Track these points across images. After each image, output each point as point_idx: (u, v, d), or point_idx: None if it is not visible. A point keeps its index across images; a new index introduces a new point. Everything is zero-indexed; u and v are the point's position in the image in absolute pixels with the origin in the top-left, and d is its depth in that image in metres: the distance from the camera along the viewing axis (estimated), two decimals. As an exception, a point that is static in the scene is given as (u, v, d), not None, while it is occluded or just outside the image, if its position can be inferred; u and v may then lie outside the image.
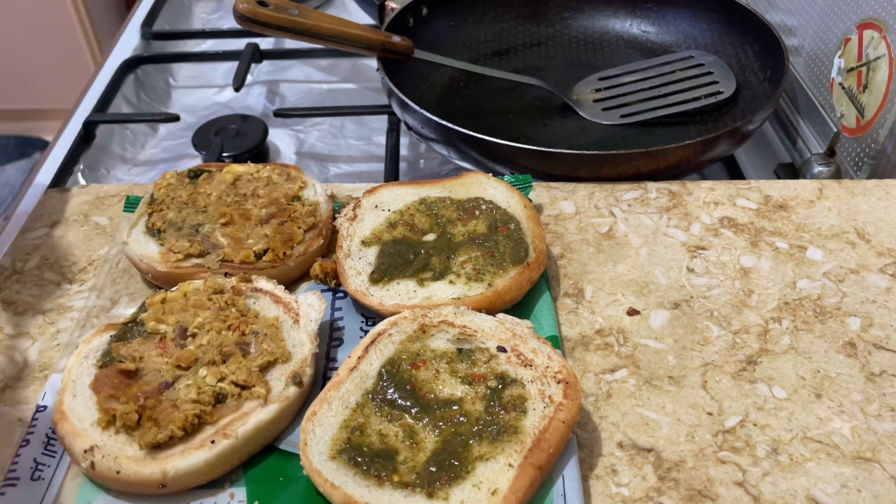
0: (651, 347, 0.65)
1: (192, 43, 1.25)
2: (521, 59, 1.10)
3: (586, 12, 1.14)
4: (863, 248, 0.73)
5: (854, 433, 0.58)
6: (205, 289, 0.63)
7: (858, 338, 0.65)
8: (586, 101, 0.99)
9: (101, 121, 1.02)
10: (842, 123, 0.90)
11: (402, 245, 0.67)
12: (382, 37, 0.93)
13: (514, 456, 0.52)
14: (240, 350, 0.59)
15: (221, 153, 0.98)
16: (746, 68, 1.00)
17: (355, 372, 0.57)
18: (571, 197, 0.80)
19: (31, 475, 0.54)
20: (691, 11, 1.08)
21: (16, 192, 1.91)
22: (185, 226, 0.70)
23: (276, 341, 0.60)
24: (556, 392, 0.55)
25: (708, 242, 0.74)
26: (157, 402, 0.55)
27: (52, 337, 0.67)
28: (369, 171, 1.01)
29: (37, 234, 0.77)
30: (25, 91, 2.67)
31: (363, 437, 0.54)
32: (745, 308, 0.68)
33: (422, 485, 0.51)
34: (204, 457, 0.53)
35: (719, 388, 0.61)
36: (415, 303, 0.63)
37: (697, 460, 0.57)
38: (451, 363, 0.58)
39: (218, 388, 0.56)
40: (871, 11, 0.85)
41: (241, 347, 0.59)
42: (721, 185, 0.81)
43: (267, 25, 0.87)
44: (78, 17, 2.49)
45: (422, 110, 0.84)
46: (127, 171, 1.02)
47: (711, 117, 0.97)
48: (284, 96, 1.15)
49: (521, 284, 0.65)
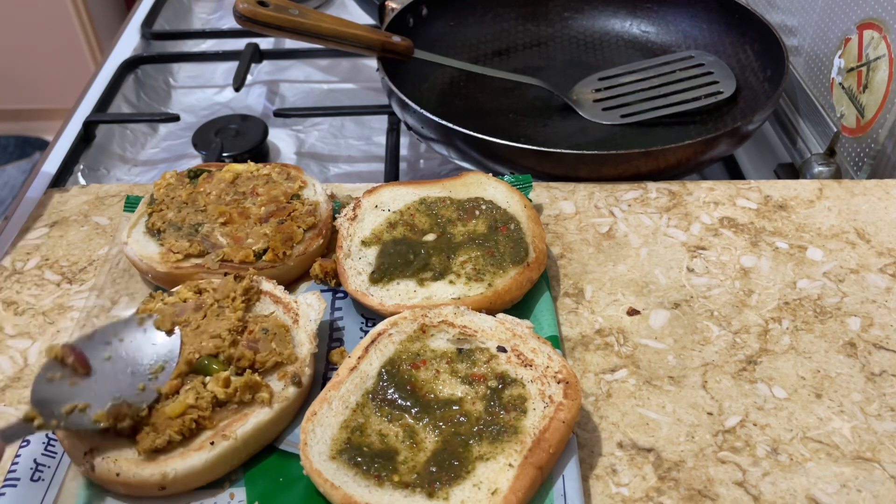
0: (651, 347, 0.65)
1: (192, 43, 1.25)
2: (521, 59, 1.10)
3: (586, 12, 1.14)
4: (863, 248, 0.73)
5: (854, 433, 0.58)
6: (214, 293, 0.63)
7: (858, 338, 0.65)
8: (586, 101, 0.99)
9: (101, 121, 1.02)
10: (842, 123, 0.90)
11: (402, 245, 0.67)
12: (382, 37, 0.93)
13: (514, 456, 0.52)
14: (249, 349, 0.58)
15: (221, 153, 0.98)
16: (746, 68, 1.00)
17: (355, 372, 0.57)
18: (571, 197, 0.80)
19: (32, 476, 0.54)
20: (691, 11, 1.08)
21: (16, 192, 1.91)
22: (185, 226, 0.70)
23: (285, 343, 0.60)
24: (557, 392, 0.55)
25: (708, 242, 0.74)
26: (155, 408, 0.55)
27: (52, 337, 0.67)
28: (369, 171, 1.01)
29: (37, 234, 0.77)
30: (25, 91, 2.67)
31: (363, 438, 0.54)
32: (745, 308, 0.68)
33: (422, 485, 0.51)
34: (203, 458, 0.53)
35: (719, 388, 0.61)
36: (415, 303, 0.63)
37: (697, 460, 0.57)
38: (451, 363, 0.58)
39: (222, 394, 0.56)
40: (871, 11, 0.85)
41: (250, 345, 0.59)
42: (721, 185, 0.81)
43: (267, 25, 0.87)
44: (78, 17, 2.49)
45: (422, 110, 0.84)
46: (127, 171, 1.02)
47: (711, 117, 0.97)
48: (284, 96, 1.15)
49: (521, 284, 0.65)
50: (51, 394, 0.53)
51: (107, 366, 0.56)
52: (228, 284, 0.63)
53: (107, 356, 0.56)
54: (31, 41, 2.54)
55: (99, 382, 0.55)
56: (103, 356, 0.56)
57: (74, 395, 0.53)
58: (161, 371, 0.57)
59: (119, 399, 0.54)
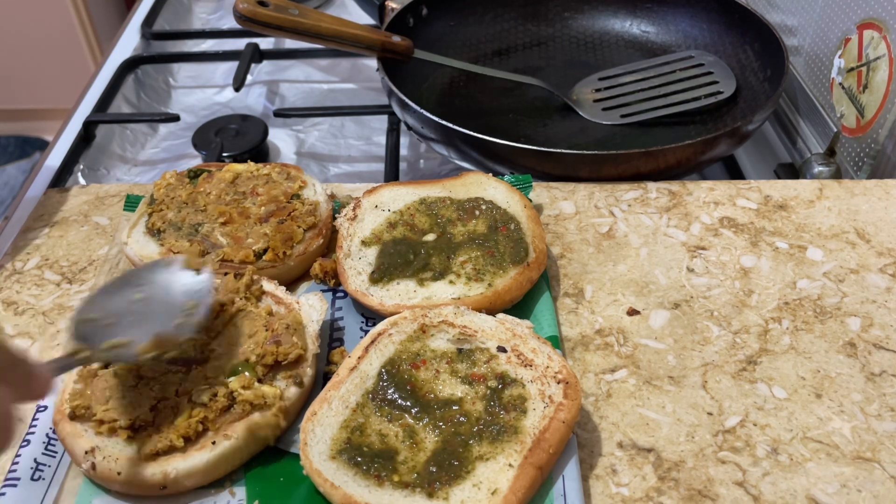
0: (651, 347, 0.65)
1: (192, 43, 1.25)
2: (521, 59, 1.10)
3: (586, 12, 1.14)
4: (863, 248, 0.73)
5: (854, 433, 0.58)
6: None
7: (858, 338, 0.65)
8: (586, 101, 0.99)
9: (101, 121, 1.02)
10: (842, 123, 0.90)
11: (402, 245, 0.67)
12: (382, 37, 0.93)
13: (514, 456, 0.52)
14: (273, 343, 0.58)
15: (221, 153, 0.98)
16: (746, 68, 1.00)
17: (355, 372, 0.58)
18: (571, 197, 0.80)
19: (32, 475, 0.55)
20: (691, 11, 1.08)
21: (16, 192, 1.91)
22: (185, 226, 0.70)
23: (303, 338, 0.60)
24: (556, 392, 0.55)
25: (708, 242, 0.74)
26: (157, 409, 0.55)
27: (52, 337, 0.67)
28: (369, 171, 1.01)
29: (37, 234, 0.77)
30: (25, 91, 2.67)
31: (363, 437, 0.54)
32: (745, 308, 0.68)
33: (422, 485, 0.51)
34: (205, 458, 0.53)
35: (719, 388, 0.61)
36: (415, 303, 0.63)
37: (697, 460, 0.57)
38: (451, 363, 0.58)
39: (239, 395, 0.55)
40: (871, 11, 0.85)
41: (274, 339, 0.59)
42: (721, 185, 0.81)
43: (267, 25, 0.87)
44: (78, 17, 2.48)
45: (422, 110, 0.84)
46: (127, 171, 1.02)
47: (711, 117, 0.97)
48: (284, 96, 1.15)
49: (521, 284, 0.65)
50: (90, 333, 0.53)
51: (140, 306, 0.56)
52: (230, 283, 0.63)
53: (138, 296, 0.56)
54: (31, 41, 2.53)
55: (135, 321, 0.55)
56: (135, 297, 0.56)
57: (113, 334, 0.53)
58: (195, 308, 0.56)
59: (159, 333, 0.54)
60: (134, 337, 0.53)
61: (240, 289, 0.62)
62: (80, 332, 0.53)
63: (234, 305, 0.62)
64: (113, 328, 0.54)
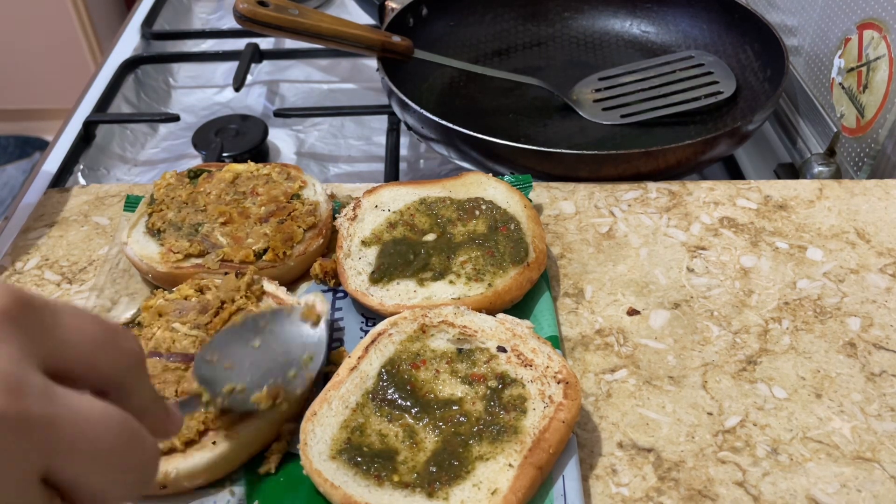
0: (651, 347, 0.65)
1: (192, 43, 1.25)
2: (521, 59, 1.10)
3: (586, 12, 1.14)
4: (863, 248, 0.73)
5: (854, 433, 0.58)
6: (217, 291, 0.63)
7: (858, 338, 0.65)
8: (586, 101, 0.99)
9: (101, 121, 1.02)
10: (842, 123, 0.90)
11: (402, 245, 0.67)
12: (382, 37, 0.93)
13: (514, 456, 0.52)
14: None
15: (221, 153, 0.98)
16: (746, 68, 1.00)
17: (355, 372, 0.58)
18: (571, 197, 0.80)
19: (32, 475, 0.54)
20: (691, 11, 1.08)
21: (16, 192, 1.91)
22: (185, 225, 0.70)
23: None
24: (556, 392, 0.55)
25: (708, 242, 0.74)
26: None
27: (52, 337, 0.67)
28: (369, 171, 1.01)
29: (37, 234, 0.77)
30: (25, 91, 2.67)
31: (363, 437, 0.54)
32: (745, 308, 0.68)
33: (422, 485, 0.51)
34: (206, 458, 0.53)
35: (719, 388, 0.61)
36: (415, 303, 0.63)
37: (697, 460, 0.57)
38: (451, 363, 0.58)
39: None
40: (871, 11, 0.85)
41: None
42: (721, 185, 0.81)
43: (267, 25, 0.87)
44: (78, 17, 2.49)
45: (422, 110, 0.84)
46: (127, 171, 1.02)
47: (711, 117, 0.97)
48: (284, 96, 1.15)
49: (521, 284, 0.65)
50: (210, 375, 0.54)
51: (258, 353, 0.57)
52: (231, 282, 0.63)
53: (256, 344, 0.57)
54: (31, 41, 2.54)
55: (252, 367, 0.56)
56: (254, 344, 0.57)
57: (231, 378, 0.54)
58: (310, 361, 0.58)
59: (274, 383, 0.55)
60: (249, 385, 0.55)
61: (240, 288, 0.63)
62: (204, 372, 0.54)
63: (234, 305, 0.62)
64: (229, 372, 0.55)
